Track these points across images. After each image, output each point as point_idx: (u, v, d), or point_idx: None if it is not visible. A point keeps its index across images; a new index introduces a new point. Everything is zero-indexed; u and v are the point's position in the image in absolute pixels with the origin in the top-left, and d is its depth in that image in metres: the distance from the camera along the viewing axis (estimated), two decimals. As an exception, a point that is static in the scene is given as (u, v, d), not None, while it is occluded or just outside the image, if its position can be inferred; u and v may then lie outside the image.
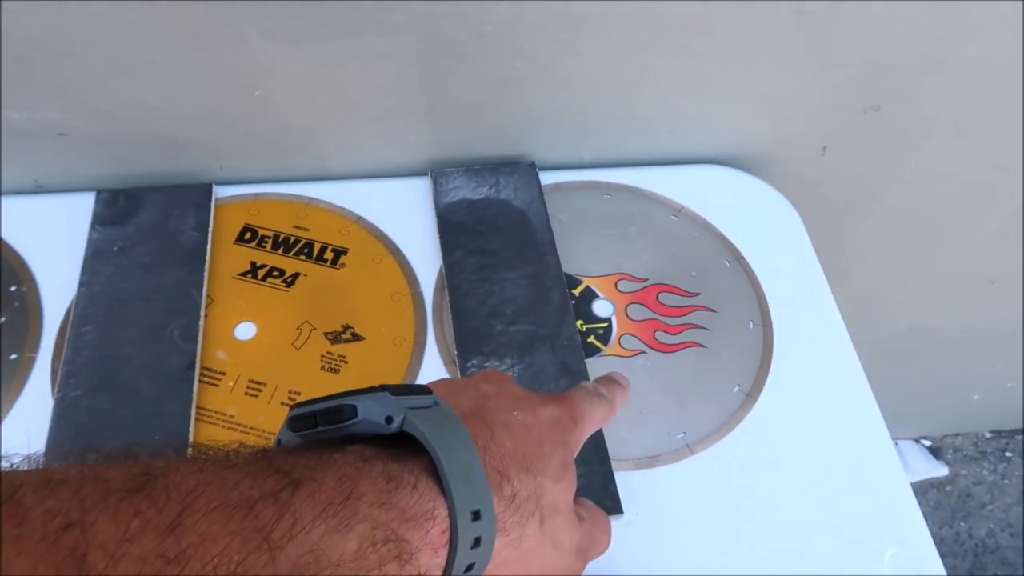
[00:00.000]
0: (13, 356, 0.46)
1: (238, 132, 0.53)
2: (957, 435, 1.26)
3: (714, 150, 0.59)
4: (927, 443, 1.25)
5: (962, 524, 1.17)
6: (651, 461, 0.44)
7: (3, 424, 0.44)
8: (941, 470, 1.20)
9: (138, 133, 0.52)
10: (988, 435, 1.26)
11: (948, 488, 1.21)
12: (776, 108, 0.57)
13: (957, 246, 0.77)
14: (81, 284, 0.48)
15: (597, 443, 0.44)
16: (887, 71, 0.54)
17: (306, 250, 0.52)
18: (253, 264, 0.51)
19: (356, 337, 0.48)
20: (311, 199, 0.55)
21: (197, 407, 0.44)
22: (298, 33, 0.46)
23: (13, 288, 0.49)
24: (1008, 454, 1.25)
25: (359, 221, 0.54)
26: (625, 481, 0.43)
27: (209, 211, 0.52)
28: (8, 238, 0.51)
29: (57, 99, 0.49)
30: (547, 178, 0.57)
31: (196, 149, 0.54)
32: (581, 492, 0.42)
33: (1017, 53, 0.54)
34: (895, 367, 1.01)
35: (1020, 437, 1.26)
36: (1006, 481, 1.22)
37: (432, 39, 0.48)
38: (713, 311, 0.51)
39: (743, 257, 0.54)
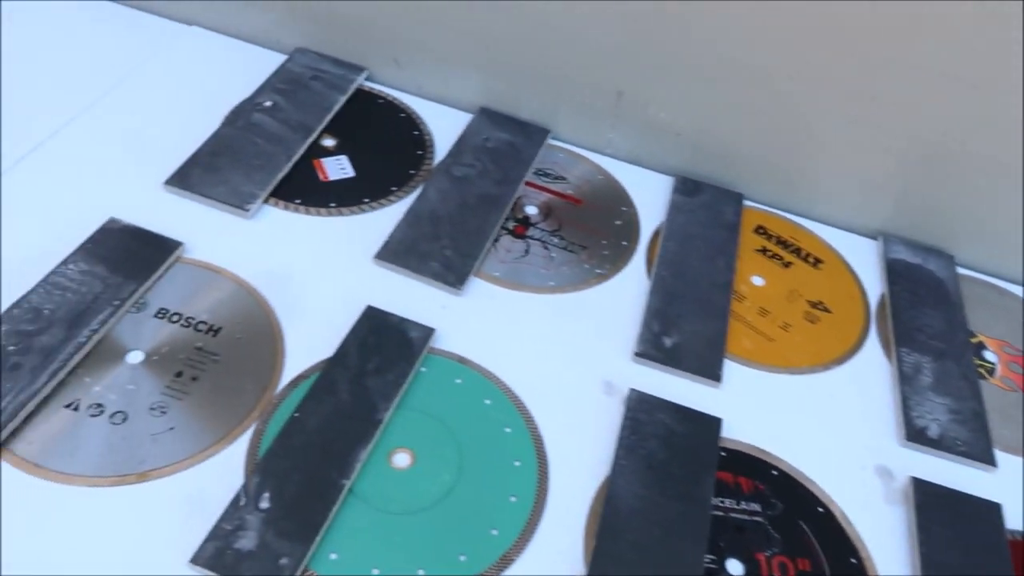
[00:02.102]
0: (624, 242, 0.77)
1: (768, 170, 0.82)
2: None
3: None
4: None
5: None
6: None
7: (612, 281, 0.74)
8: None
9: (708, 147, 0.83)
10: None
11: None
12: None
13: None
14: (667, 219, 0.79)
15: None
16: None
17: (796, 251, 0.80)
18: (764, 248, 0.79)
19: (827, 310, 0.74)
20: (800, 225, 0.83)
21: (731, 310, 0.72)
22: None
23: (624, 209, 0.80)
24: None
25: (830, 247, 0.81)
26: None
27: (740, 208, 0.82)
28: (618, 178, 0.83)
29: (682, 111, 0.81)
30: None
31: (737, 171, 0.84)
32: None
33: None
34: None
35: None
36: None
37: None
38: (1068, 388, 0.73)
39: (1094, 367, 0.75)
